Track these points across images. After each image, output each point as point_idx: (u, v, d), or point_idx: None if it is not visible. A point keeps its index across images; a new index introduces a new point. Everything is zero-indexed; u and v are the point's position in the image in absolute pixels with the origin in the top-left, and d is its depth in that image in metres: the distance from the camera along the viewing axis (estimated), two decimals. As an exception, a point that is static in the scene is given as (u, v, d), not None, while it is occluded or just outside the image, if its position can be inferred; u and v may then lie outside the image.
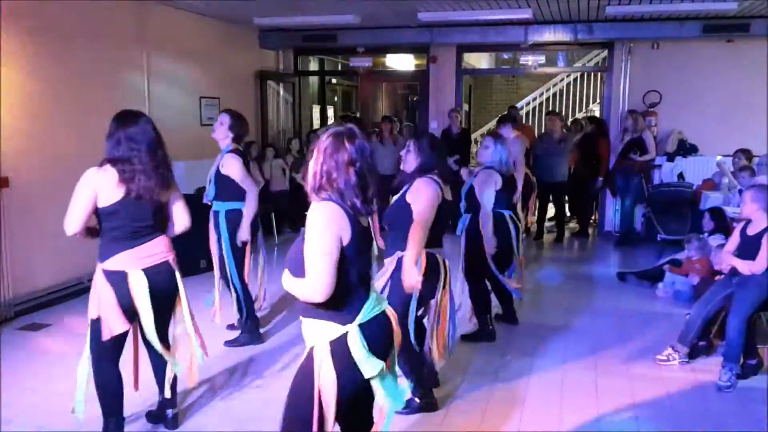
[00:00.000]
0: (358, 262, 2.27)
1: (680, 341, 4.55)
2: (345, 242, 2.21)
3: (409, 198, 3.59)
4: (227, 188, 4.61)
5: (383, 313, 2.37)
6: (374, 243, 2.52)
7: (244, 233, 4.62)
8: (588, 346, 4.89)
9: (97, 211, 3.17)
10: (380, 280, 3.57)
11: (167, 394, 3.57)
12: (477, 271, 4.93)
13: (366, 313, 2.29)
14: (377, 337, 2.31)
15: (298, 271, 2.25)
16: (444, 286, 3.73)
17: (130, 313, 3.22)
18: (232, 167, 4.57)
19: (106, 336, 3.17)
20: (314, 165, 2.26)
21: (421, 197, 3.54)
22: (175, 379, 3.57)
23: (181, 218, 3.41)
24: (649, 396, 4.05)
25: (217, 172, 4.63)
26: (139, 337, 3.46)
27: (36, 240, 5.65)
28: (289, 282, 2.29)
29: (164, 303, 3.34)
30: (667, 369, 4.47)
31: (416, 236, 3.45)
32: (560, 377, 4.33)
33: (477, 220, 4.80)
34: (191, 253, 6.86)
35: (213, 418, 3.79)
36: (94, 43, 6.29)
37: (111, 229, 3.18)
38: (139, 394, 3.67)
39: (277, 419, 2.38)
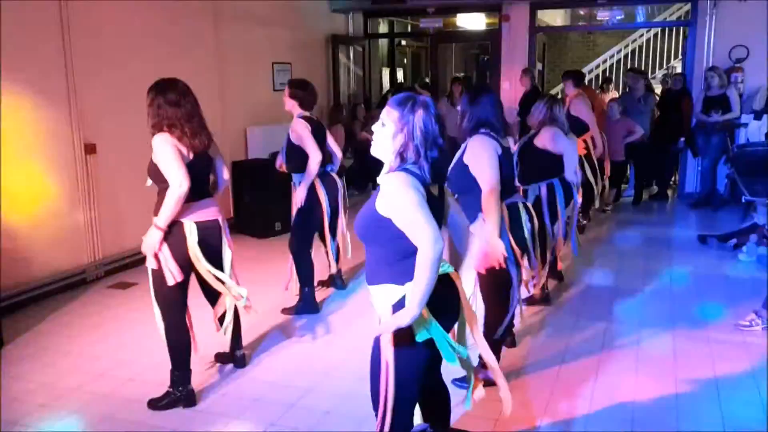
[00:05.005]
0: None
1: (764, 306, 4.39)
2: None
3: (466, 159, 3.45)
4: (299, 158, 4.59)
5: (447, 275, 2.33)
6: (445, 210, 2.47)
7: (299, 197, 4.60)
8: (666, 311, 4.79)
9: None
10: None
11: (229, 335, 3.76)
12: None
13: None
14: (438, 297, 2.20)
15: (369, 234, 2.27)
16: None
17: (183, 263, 3.37)
18: (296, 132, 4.56)
19: (170, 281, 3.32)
20: (383, 136, 2.26)
21: (480, 162, 3.38)
22: (238, 321, 3.78)
23: (223, 176, 3.67)
24: (730, 362, 3.94)
25: (289, 141, 4.66)
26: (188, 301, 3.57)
27: (123, 203, 5.92)
28: (414, 293, 2.12)
29: (213, 257, 3.49)
30: (749, 334, 4.33)
31: (491, 207, 3.33)
32: (636, 342, 4.26)
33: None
34: (267, 216, 7.08)
35: (279, 361, 4.03)
36: (165, 13, 6.43)
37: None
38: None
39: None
